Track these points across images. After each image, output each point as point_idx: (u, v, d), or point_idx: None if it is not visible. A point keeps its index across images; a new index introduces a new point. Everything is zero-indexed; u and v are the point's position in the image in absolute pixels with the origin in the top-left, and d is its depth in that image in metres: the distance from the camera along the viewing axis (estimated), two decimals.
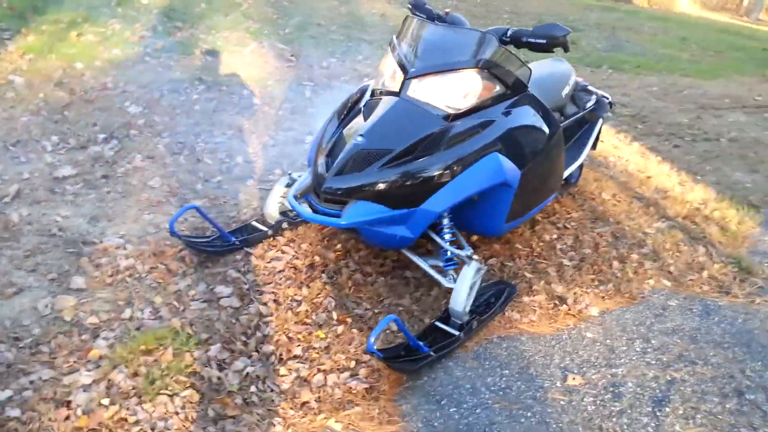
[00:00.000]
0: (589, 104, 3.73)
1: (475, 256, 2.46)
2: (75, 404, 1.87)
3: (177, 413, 1.90)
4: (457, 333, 2.39)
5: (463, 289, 2.40)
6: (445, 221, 2.51)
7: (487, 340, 2.50)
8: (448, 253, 2.49)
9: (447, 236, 2.50)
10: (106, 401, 1.89)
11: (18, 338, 2.10)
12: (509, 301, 2.71)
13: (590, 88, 3.80)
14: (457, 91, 2.46)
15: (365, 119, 2.49)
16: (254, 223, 2.92)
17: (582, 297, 2.83)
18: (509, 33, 2.64)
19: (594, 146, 3.97)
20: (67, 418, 1.82)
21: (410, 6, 2.92)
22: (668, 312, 2.83)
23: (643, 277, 3.07)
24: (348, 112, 2.66)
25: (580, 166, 3.89)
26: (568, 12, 11.12)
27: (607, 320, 2.72)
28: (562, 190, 3.79)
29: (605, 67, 7.59)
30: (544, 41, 2.62)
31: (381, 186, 2.29)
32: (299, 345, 2.27)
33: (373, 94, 2.64)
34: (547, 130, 2.71)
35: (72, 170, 3.22)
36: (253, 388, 2.05)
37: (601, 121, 3.77)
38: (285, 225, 2.94)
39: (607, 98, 3.90)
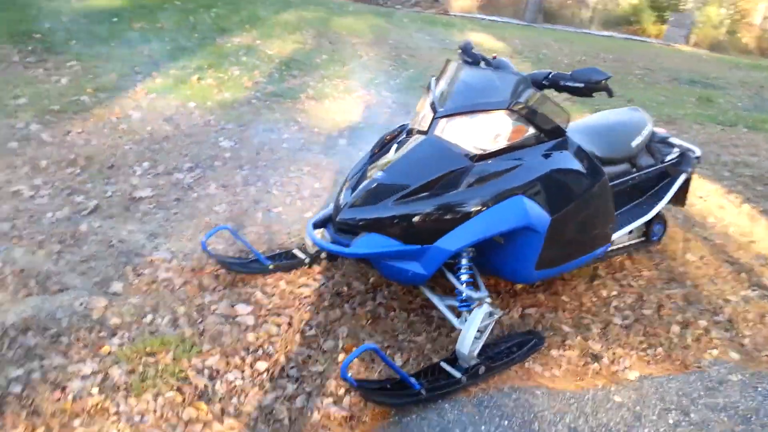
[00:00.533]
0: (670, 157, 3.47)
1: (488, 300, 2.36)
2: (69, 390, 2.03)
3: (155, 411, 1.99)
4: (459, 376, 2.28)
5: (470, 332, 2.30)
6: (464, 261, 2.43)
7: (497, 389, 2.36)
8: (463, 294, 2.41)
9: (464, 276, 2.42)
10: (95, 390, 2.03)
11: (46, 328, 2.32)
12: (532, 352, 2.54)
13: (673, 140, 3.54)
14: (485, 131, 2.42)
15: (393, 156, 2.53)
16: (295, 251, 3.02)
17: (622, 358, 2.59)
18: (549, 77, 2.58)
19: (681, 202, 3.67)
20: (58, 400, 1.98)
21: (460, 50, 2.95)
22: (724, 387, 2.50)
23: (706, 345, 2.75)
24: (381, 148, 2.71)
25: (664, 223, 3.61)
26: (709, 70, 10.46)
27: (645, 386, 2.46)
28: (639, 247, 3.52)
29: (740, 126, 7.01)
30: (582, 85, 2.53)
31: (394, 220, 2.28)
32: (294, 367, 2.29)
33: (409, 133, 2.67)
34: (587, 178, 2.57)
35: (150, 192, 3.54)
36: (234, 400, 2.09)
37: (684, 175, 3.47)
38: (324, 255, 3.01)
39: (694, 152, 3.61)
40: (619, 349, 2.64)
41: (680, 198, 3.74)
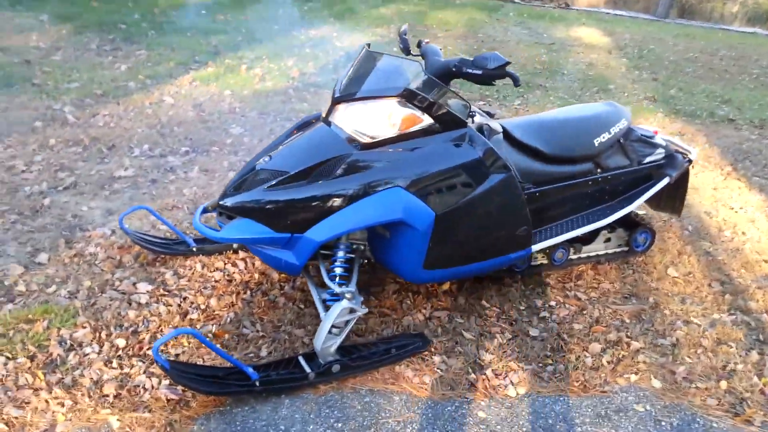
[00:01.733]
0: (651, 159, 3.13)
1: (348, 295, 2.27)
2: None
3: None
4: (308, 372, 2.23)
5: (324, 327, 2.24)
6: (339, 253, 2.37)
7: (354, 389, 2.28)
8: (334, 288, 2.34)
9: (338, 269, 2.36)
10: None
11: None
12: (409, 355, 2.42)
13: (658, 140, 3.18)
14: (376, 119, 2.34)
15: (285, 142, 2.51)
16: None
17: (512, 372, 2.40)
18: (456, 64, 2.44)
19: (675, 210, 3.31)
20: None
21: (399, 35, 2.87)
22: (620, 416, 2.24)
23: (624, 369, 2.48)
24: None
25: (651, 234, 3.28)
26: None
27: (523, 404, 2.26)
28: (616, 257, 3.23)
29: None
30: (480, 72, 2.37)
31: (265, 206, 2.26)
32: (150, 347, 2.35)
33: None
34: (485, 174, 2.39)
35: (131, 173, 3.76)
36: (77, 372, 2.19)
37: (665, 179, 3.11)
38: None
39: (689, 154, 3.24)
40: (513, 363, 2.44)
41: (673, 205, 3.37)
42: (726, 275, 3.22)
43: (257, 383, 2.14)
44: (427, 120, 2.36)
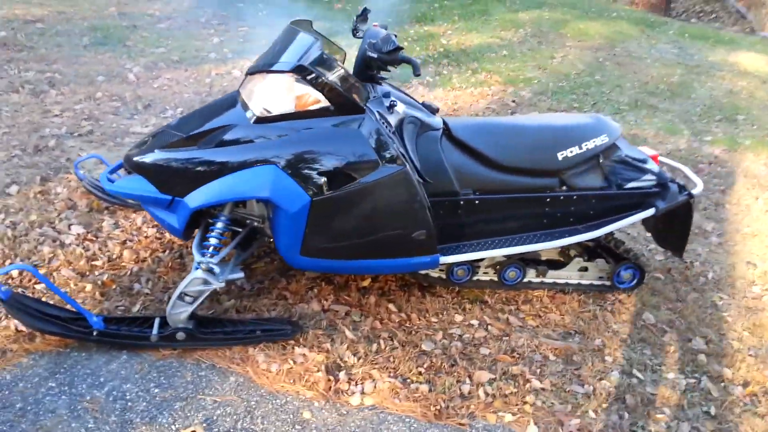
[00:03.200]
0: (635, 184, 2.71)
1: (203, 266, 2.21)
2: None
3: None
4: (153, 333, 2.21)
5: (175, 293, 2.21)
6: (218, 224, 2.32)
7: (196, 361, 2.22)
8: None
9: (212, 240, 2.30)
10: None
11: None
12: (271, 340, 2.31)
13: (652, 165, 2.73)
14: (272, 94, 2.27)
15: None
16: None
17: (369, 381, 2.20)
18: (364, 47, 2.31)
19: (675, 248, 2.86)
20: None
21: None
22: None
23: (502, 406, 2.20)
24: None
25: (640, 271, 2.85)
26: None
27: (360, 416, 2.07)
28: (591, 290, 2.86)
29: None
30: (375, 55, 2.21)
31: (153, 166, 2.28)
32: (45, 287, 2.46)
33: None
34: (372, 166, 2.21)
35: (147, 129, 3.98)
36: None
37: (650, 210, 2.67)
38: None
39: (694, 186, 2.78)
40: (376, 372, 2.24)
41: (673, 242, 2.90)
42: (720, 334, 2.71)
43: (94, 332, 2.16)
44: (324, 102, 2.23)
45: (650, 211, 2.67)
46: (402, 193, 2.26)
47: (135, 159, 2.27)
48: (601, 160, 2.68)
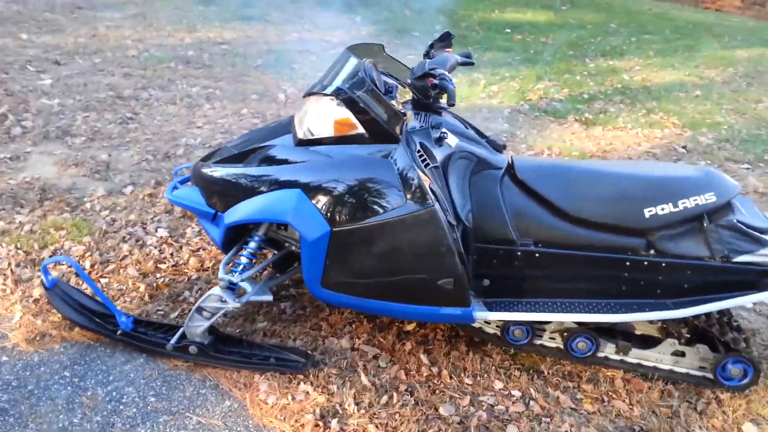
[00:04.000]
0: (746, 258, 2.21)
1: (222, 284, 2.19)
2: None
3: None
4: (169, 343, 2.25)
5: (195, 307, 2.24)
6: (251, 243, 2.32)
7: (202, 378, 2.21)
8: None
9: (243, 259, 2.30)
10: None
11: None
12: (279, 370, 2.23)
13: None
14: (314, 116, 2.23)
15: None
16: None
17: (366, 427, 2.02)
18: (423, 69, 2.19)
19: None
20: None
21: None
22: None
23: None
24: None
25: (753, 367, 2.31)
26: None
27: None
28: (687, 380, 2.37)
29: None
30: (409, 81, 2.07)
31: (204, 179, 2.36)
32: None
33: None
34: (400, 204, 2.04)
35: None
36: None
37: (762, 295, 2.15)
38: None
39: None
40: (372, 428, 2.03)
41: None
42: None
43: (118, 332, 2.25)
44: (360, 128, 2.12)
45: (765, 294, 2.12)
46: (426, 234, 2.04)
47: (194, 170, 2.35)
48: (705, 224, 2.20)
